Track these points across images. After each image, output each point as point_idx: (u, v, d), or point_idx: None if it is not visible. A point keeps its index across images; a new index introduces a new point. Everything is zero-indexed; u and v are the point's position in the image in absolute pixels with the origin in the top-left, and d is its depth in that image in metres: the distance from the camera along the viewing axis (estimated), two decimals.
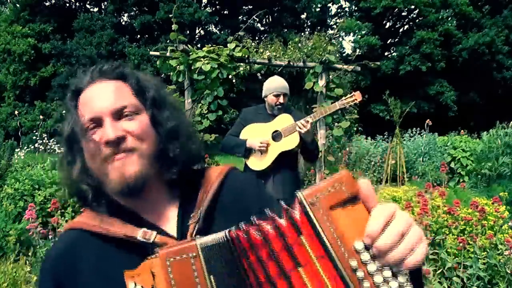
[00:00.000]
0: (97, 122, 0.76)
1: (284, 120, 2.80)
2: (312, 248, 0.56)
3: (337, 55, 8.21)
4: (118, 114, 0.77)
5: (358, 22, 19.78)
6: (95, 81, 0.80)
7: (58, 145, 9.91)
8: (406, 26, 21.53)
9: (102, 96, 0.78)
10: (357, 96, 2.86)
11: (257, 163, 2.85)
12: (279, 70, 6.75)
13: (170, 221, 0.80)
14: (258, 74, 6.77)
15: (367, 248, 0.55)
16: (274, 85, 2.90)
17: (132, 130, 0.76)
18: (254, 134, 2.88)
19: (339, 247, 0.55)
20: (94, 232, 0.76)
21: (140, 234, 0.72)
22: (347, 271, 0.55)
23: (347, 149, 8.18)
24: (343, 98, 2.89)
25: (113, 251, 0.75)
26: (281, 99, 2.86)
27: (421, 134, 9.55)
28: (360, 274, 0.54)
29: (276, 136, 2.82)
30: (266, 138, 2.81)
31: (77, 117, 0.79)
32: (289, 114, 2.84)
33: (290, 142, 2.75)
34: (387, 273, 0.54)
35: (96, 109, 0.76)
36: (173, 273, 0.60)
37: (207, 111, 6.07)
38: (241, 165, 2.93)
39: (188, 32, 19.66)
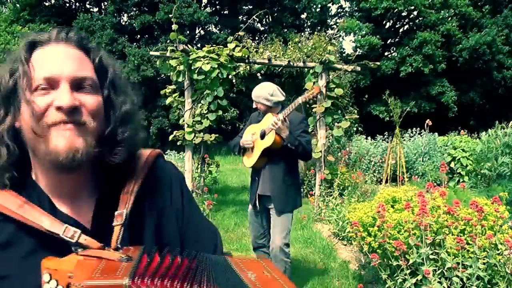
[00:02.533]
0: (52, 84, 0.70)
1: (268, 119, 2.99)
2: None
3: (337, 55, 8.21)
4: (77, 84, 0.72)
5: (358, 22, 19.74)
6: (58, 42, 0.75)
7: None
8: (406, 26, 21.52)
9: (64, 59, 0.72)
10: (315, 89, 3.14)
11: (248, 160, 3.13)
12: (279, 70, 6.76)
13: (84, 211, 0.76)
14: (258, 74, 6.78)
15: None
16: (252, 93, 3.14)
17: (88, 105, 0.72)
18: (249, 133, 3.14)
19: None
20: (10, 217, 0.70)
21: (63, 231, 0.69)
22: None
23: (347, 149, 8.18)
24: (305, 92, 3.08)
25: (28, 239, 0.70)
26: (255, 105, 3.13)
27: (421, 134, 9.54)
28: None
29: (263, 134, 3.02)
30: (254, 137, 3.05)
31: (26, 71, 0.70)
32: (273, 113, 3.03)
33: (269, 139, 2.93)
34: None
35: (55, 70, 0.70)
36: None
37: (207, 111, 6.07)
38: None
39: (188, 32, 19.64)
